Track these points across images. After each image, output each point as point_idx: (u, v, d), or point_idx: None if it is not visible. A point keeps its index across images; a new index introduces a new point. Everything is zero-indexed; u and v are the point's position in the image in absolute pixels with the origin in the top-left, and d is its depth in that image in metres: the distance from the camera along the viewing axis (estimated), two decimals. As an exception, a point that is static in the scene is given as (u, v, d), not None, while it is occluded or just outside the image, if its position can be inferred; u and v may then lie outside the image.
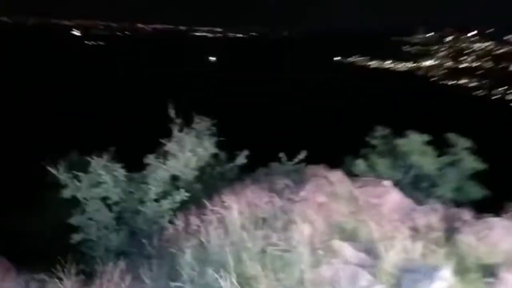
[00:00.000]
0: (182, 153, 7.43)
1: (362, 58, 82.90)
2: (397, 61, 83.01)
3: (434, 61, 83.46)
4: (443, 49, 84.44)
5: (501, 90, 74.21)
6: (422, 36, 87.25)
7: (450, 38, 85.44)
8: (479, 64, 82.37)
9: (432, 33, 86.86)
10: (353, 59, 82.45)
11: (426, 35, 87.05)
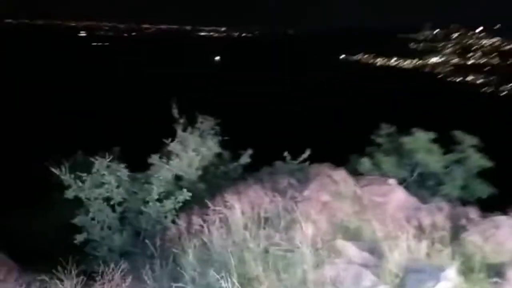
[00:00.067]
0: (186, 152, 7.41)
1: (368, 56, 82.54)
2: (403, 58, 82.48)
3: (440, 58, 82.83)
4: (449, 45, 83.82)
5: (508, 86, 73.45)
6: (428, 33, 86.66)
7: (456, 35, 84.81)
8: (486, 61, 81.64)
9: (438, 30, 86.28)
10: (358, 57, 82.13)
11: (432, 31, 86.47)
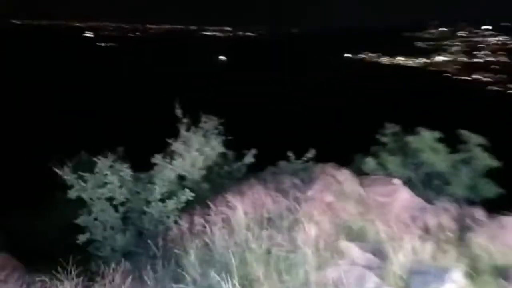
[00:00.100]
0: (189, 152, 7.38)
1: (373, 55, 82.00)
2: (409, 56, 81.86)
3: (447, 56, 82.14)
4: (456, 44, 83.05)
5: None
6: (434, 31, 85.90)
7: (463, 33, 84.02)
8: (493, 59, 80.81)
9: (444, 28, 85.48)
10: (364, 55, 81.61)
11: (438, 29, 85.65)
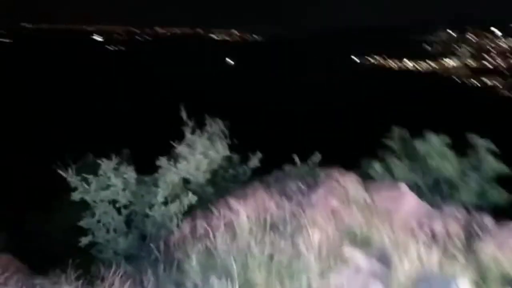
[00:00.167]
0: (193, 155, 7.33)
1: (381, 57, 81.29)
2: (416, 59, 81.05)
3: (455, 59, 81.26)
4: (465, 46, 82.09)
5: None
6: (443, 33, 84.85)
7: (472, 35, 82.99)
8: (502, 63, 79.84)
9: (452, 30, 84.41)
10: (371, 58, 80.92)
11: (446, 31, 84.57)
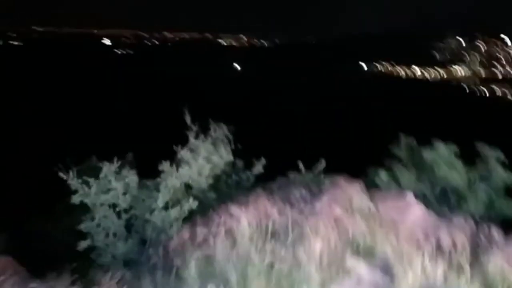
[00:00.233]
0: (196, 160, 7.25)
1: (388, 64, 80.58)
2: (425, 66, 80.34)
3: (464, 67, 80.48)
4: (474, 54, 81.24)
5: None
6: (452, 40, 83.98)
7: (482, 43, 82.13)
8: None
9: (463, 38, 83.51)
10: (379, 64, 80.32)
11: (456, 39, 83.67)
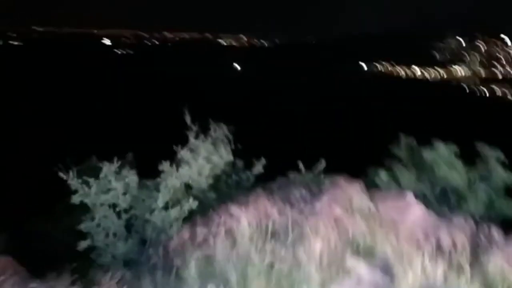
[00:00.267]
0: (196, 160, 7.24)
1: (388, 64, 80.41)
2: (425, 66, 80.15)
3: (464, 67, 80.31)
4: (474, 54, 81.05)
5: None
6: (452, 40, 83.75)
7: (482, 43, 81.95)
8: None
9: (463, 37, 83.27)
10: (379, 64, 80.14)
11: (456, 39, 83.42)
